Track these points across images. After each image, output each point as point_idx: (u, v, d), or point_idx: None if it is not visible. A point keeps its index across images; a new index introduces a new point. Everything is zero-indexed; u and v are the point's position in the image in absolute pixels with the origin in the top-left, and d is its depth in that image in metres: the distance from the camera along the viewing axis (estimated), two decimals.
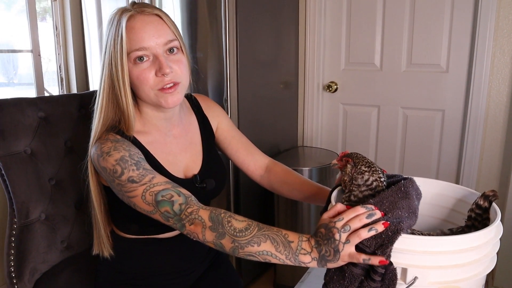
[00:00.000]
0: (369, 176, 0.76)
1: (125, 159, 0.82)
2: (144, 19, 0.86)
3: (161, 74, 0.86)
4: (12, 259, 1.03)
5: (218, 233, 0.73)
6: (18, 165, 1.03)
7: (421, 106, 2.08)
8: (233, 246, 0.71)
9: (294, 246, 0.69)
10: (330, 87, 2.27)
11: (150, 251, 1.00)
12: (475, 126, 1.93)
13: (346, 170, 0.79)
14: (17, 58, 2.04)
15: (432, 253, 0.62)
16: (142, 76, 0.87)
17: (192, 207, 0.76)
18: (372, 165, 0.77)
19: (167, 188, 0.79)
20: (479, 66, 1.87)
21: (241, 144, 1.11)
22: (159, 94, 0.88)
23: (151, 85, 0.87)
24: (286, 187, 1.07)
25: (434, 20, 1.97)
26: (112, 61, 0.86)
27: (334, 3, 2.20)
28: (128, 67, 0.87)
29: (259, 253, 0.70)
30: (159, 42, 0.87)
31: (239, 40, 1.72)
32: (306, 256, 0.69)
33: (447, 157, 2.07)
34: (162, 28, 0.88)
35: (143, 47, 0.85)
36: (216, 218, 0.74)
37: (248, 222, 0.73)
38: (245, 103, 1.82)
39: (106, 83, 0.88)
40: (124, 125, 0.89)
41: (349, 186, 0.77)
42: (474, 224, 0.74)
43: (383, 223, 0.64)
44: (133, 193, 0.80)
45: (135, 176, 0.80)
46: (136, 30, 0.85)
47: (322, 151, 2.25)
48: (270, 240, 0.70)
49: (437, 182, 0.86)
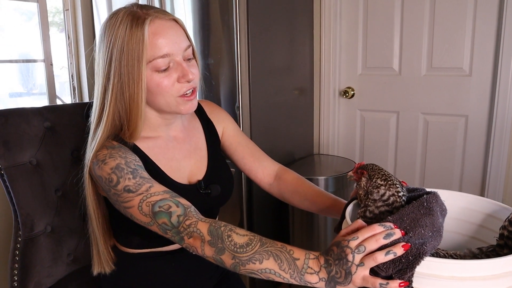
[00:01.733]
0: (386, 190, 0.70)
1: (121, 167, 0.78)
2: (164, 24, 0.82)
3: (185, 81, 0.83)
4: (16, 273, 1.01)
5: (217, 248, 0.68)
6: (23, 176, 1.01)
7: (443, 112, 2.01)
8: (234, 263, 0.67)
9: (299, 264, 0.63)
10: (347, 93, 2.22)
11: (154, 266, 0.96)
12: (501, 132, 1.85)
13: (361, 184, 0.73)
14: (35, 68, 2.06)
15: (461, 279, 0.55)
16: (164, 84, 0.82)
17: (190, 219, 0.71)
18: (389, 178, 0.71)
19: (165, 198, 0.74)
20: (505, 68, 1.79)
21: (248, 149, 1.07)
22: (180, 101, 0.85)
23: (173, 92, 0.84)
24: (297, 197, 1.02)
25: (455, 21, 1.90)
26: (125, 68, 0.80)
27: (350, 6, 2.15)
28: (146, 74, 0.82)
29: (261, 271, 0.65)
30: (179, 48, 0.83)
31: (251, 46, 1.69)
32: (313, 276, 0.63)
33: (471, 166, 1.98)
34: (182, 34, 0.85)
35: (166, 53, 0.81)
36: (215, 231, 0.69)
37: (250, 236, 0.68)
38: (257, 110, 1.78)
39: (114, 91, 0.82)
40: (127, 132, 0.85)
41: (365, 201, 0.71)
42: (507, 243, 0.67)
43: (403, 246, 0.57)
44: (130, 204, 0.76)
45: (131, 185, 0.76)
46: (157, 36, 0.80)
47: (339, 159, 2.19)
48: (273, 257, 0.64)
49: (464, 195, 0.79)
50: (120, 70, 0.80)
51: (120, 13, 0.82)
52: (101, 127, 0.84)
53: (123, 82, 0.81)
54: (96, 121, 0.86)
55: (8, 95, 2.08)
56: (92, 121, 0.88)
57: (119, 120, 0.85)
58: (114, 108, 0.83)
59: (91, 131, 0.88)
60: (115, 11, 0.84)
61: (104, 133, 0.84)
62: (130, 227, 0.88)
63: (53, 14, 2.14)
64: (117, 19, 0.81)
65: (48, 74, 1.89)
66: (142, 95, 0.82)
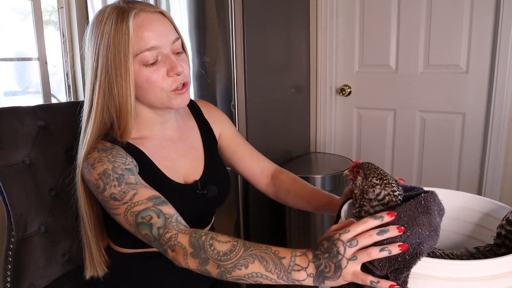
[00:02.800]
0: (381, 190, 0.69)
1: (107, 173, 0.76)
2: (149, 17, 0.81)
3: (174, 74, 0.81)
4: (9, 274, 1.00)
5: (201, 259, 0.66)
6: (16, 176, 1.00)
7: (440, 109, 2.01)
8: (220, 272, 0.65)
9: (286, 263, 0.62)
10: (344, 91, 2.22)
11: (149, 266, 0.95)
12: (499, 129, 1.85)
13: (356, 183, 0.72)
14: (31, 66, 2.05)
15: (458, 280, 0.54)
16: (154, 77, 0.81)
17: (170, 232, 0.70)
18: (384, 177, 0.70)
19: (147, 208, 0.73)
20: (502, 65, 1.79)
21: (247, 151, 1.06)
22: (172, 96, 0.83)
23: (164, 87, 0.82)
24: (293, 195, 1.02)
25: (452, 18, 1.89)
26: (112, 63, 0.78)
27: (346, 3, 2.15)
28: (134, 68, 0.80)
29: (248, 276, 0.63)
30: (167, 40, 0.82)
31: (247, 43, 1.68)
32: (301, 272, 0.61)
33: (469, 163, 1.98)
34: (169, 26, 0.83)
35: (154, 46, 0.80)
36: (196, 242, 0.67)
37: (233, 242, 0.66)
38: (253, 108, 1.77)
39: (101, 88, 0.81)
40: (119, 131, 0.84)
41: (360, 200, 0.71)
42: (504, 242, 0.66)
43: (399, 245, 0.56)
44: (117, 211, 0.75)
45: (117, 193, 0.75)
46: (143, 28, 0.79)
47: (336, 157, 2.19)
48: (259, 260, 0.63)
49: (461, 193, 0.78)
50: (107, 66, 0.79)
51: (106, 9, 0.81)
52: (90, 125, 0.83)
53: (111, 78, 0.79)
54: (86, 119, 0.85)
55: (3, 94, 2.07)
56: (82, 121, 0.87)
57: (109, 118, 0.83)
58: (103, 106, 0.82)
59: (82, 130, 0.86)
60: (102, 8, 0.83)
61: (93, 132, 0.83)
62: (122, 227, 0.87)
63: (50, 12, 2.12)
64: (103, 15, 0.81)
65: (42, 72, 1.87)
66: (131, 90, 0.80)
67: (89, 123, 0.83)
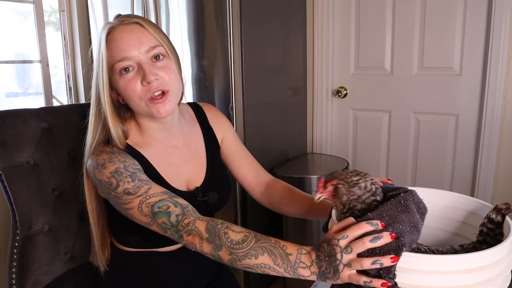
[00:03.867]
0: (365, 182, 0.72)
1: (119, 171, 0.81)
2: (123, 29, 0.86)
3: (146, 83, 0.84)
4: (14, 271, 1.02)
5: (215, 245, 0.71)
6: (20, 176, 1.03)
7: (433, 111, 2.04)
8: (231, 258, 0.70)
9: (292, 259, 0.67)
10: (340, 93, 2.25)
11: (150, 265, 0.98)
12: (491, 131, 1.88)
13: (339, 192, 0.73)
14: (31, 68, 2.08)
15: (439, 273, 0.58)
16: (129, 87, 0.85)
17: (189, 218, 0.75)
18: (358, 172, 0.74)
19: (163, 198, 0.77)
20: (494, 68, 1.83)
21: (246, 159, 1.09)
22: (150, 104, 0.86)
23: (140, 95, 0.86)
24: (286, 201, 1.05)
25: (446, 22, 1.93)
26: (97, 75, 0.87)
27: (342, 6, 2.18)
28: (115, 79, 0.86)
29: (257, 266, 0.68)
30: (141, 50, 0.85)
31: (244, 46, 1.71)
32: (305, 270, 0.66)
33: (462, 164, 2.02)
34: (144, 35, 0.86)
35: (125, 57, 0.84)
36: (212, 229, 0.72)
37: (245, 233, 0.71)
38: (251, 110, 1.81)
39: (96, 96, 0.89)
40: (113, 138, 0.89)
41: (348, 204, 0.73)
42: (486, 239, 0.70)
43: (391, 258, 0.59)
44: (130, 205, 0.79)
45: (131, 188, 0.79)
46: (116, 41, 0.85)
47: (332, 158, 2.22)
48: (268, 253, 0.68)
49: (447, 193, 0.82)
50: (96, 76, 0.88)
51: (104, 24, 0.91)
52: (91, 129, 0.90)
53: (98, 87, 0.88)
54: (89, 123, 0.92)
55: (4, 95, 2.09)
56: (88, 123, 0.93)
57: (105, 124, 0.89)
58: (97, 112, 0.89)
59: (87, 133, 0.92)
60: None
61: (94, 135, 0.89)
62: (129, 227, 0.91)
63: (49, 13, 2.15)
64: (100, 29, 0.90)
65: (44, 74, 1.90)
66: (109, 99, 0.87)
67: (90, 126, 0.90)
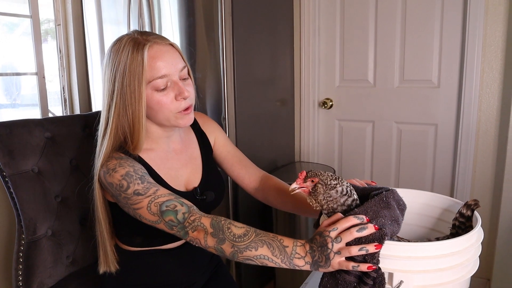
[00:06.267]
0: (341, 186, 0.78)
1: (130, 174, 0.87)
2: (161, 48, 0.91)
3: (181, 98, 0.92)
4: (20, 273, 1.06)
5: (218, 239, 0.78)
6: (26, 183, 1.07)
7: (414, 121, 2.13)
8: (233, 251, 0.76)
9: (289, 251, 0.74)
10: (326, 104, 2.32)
11: (153, 262, 1.04)
12: (467, 139, 1.97)
13: (317, 191, 0.77)
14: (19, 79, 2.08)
15: (416, 258, 0.66)
16: (163, 102, 0.92)
17: (194, 215, 0.81)
18: (336, 176, 0.79)
19: (170, 199, 0.84)
20: (469, 81, 1.93)
21: (236, 158, 1.16)
22: (178, 116, 0.94)
23: (172, 109, 0.93)
24: (280, 199, 1.11)
25: (424, 38, 2.04)
26: (128, 88, 0.89)
27: (327, 23, 2.27)
28: (147, 93, 0.91)
29: (257, 257, 0.75)
30: (176, 69, 0.92)
31: (236, 60, 1.78)
32: (300, 260, 0.74)
33: (441, 170, 2.11)
34: (177, 57, 0.94)
35: (164, 74, 0.91)
36: (217, 224, 0.79)
37: (247, 228, 0.78)
38: (242, 120, 1.87)
39: (117, 108, 0.91)
40: (131, 145, 0.94)
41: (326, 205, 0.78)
42: (458, 231, 0.79)
43: (375, 245, 0.68)
44: (139, 205, 0.85)
45: (140, 189, 0.85)
46: (156, 59, 0.90)
47: (318, 166, 2.29)
48: (267, 245, 0.75)
49: (424, 193, 0.90)
50: (122, 90, 0.90)
51: (123, 39, 0.92)
52: (106, 140, 0.93)
53: (126, 100, 0.90)
54: (102, 135, 0.95)
55: None
56: (98, 136, 0.97)
57: (123, 134, 0.94)
58: (117, 124, 0.92)
59: (98, 144, 0.96)
60: (119, 38, 0.94)
61: (108, 146, 0.93)
62: (133, 228, 0.97)
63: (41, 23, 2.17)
64: (120, 44, 0.91)
65: (40, 86, 1.94)
66: (143, 111, 0.91)
67: (105, 138, 0.94)
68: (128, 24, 1.81)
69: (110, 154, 0.93)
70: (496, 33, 1.87)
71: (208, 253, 1.13)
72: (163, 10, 1.80)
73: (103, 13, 1.99)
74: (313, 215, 1.05)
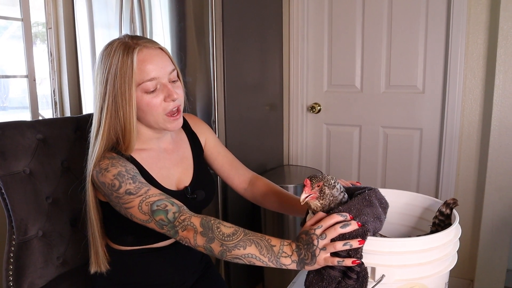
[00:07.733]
0: (338, 184, 0.82)
1: (122, 174, 0.89)
2: (151, 52, 0.94)
3: (170, 100, 0.94)
4: (11, 274, 1.06)
5: (208, 238, 0.80)
6: (17, 184, 1.08)
7: (400, 125, 2.17)
8: (221, 250, 0.78)
9: (276, 250, 0.77)
10: (314, 108, 2.36)
11: (144, 262, 1.05)
12: (451, 143, 2.02)
13: (325, 193, 0.80)
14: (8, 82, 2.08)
15: (397, 253, 0.70)
16: (152, 103, 0.94)
17: (184, 215, 0.83)
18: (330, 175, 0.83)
19: (161, 198, 0.86)
20: (453, 87, 1.98)
21: (226, 159, 1.19)
22: (167, 119, 0.96)
23: (160, 111, 0.95)
24: (269, 198, 1.14)
25: (409, 45, 2.09)
26: (119, 90, 0.91)
27: (316, 29, 2.31)
28: (137, 95, 0.93)
29: (245, 256, 0.77)
30: (165, 72, 0.95)
31: (226, 65, 1.81)
32: (287, 258, 0.76)
33: (426, 173, 2.16)
34: (166, 60, 0.96)
35: (153, 77, 0.93)
36: (206, 224, 0.81)
37: (235, 228, 0.81)
38: (232, 124, 1.90)
39: (108, 110, 0.93)
40: (123, 146, 0.96)
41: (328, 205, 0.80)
42: (437, 229, 0.82)
43: (358, 241, 0.71)
44: (130, 204, 0.86)
45: (132, 188, 0.87)
46: (145, 62, 0.92)
47: (307, 169, 2.32)
48: (255, 244, 0.77)
49: (406, 193, 0.94)
50: (113, 92, 0.92)
51: (114, 43, 0.94)
52: (98, 141, 0.95)
53: (117, 102, 0.92)
54: (94, 136, 0.97)
55: None
56: (91, 137, 0.99)
57: (115, 135, 0.95)
58: (110, 125, 0.94)
59: (90, 146, 0.98)
60: (111, 42, 0.96)
61: (101, 147, 0.95)
62: (125, 227, 0.99)
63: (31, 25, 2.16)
64: (111, 48, 0.93)
65: (31, 89, 1.95)
66: (133, 113, 0.93)
67: (98, 139, 0.95)
68: (119, 28, 1.83)
69: (102, 154, 0.95)
70: (478, 41, 1.93)
71: (199, 253, 1.14)
72: (154, 15, 1.82)
73: (94, 17, 2.00)
74: (300, 214, 1.08)
